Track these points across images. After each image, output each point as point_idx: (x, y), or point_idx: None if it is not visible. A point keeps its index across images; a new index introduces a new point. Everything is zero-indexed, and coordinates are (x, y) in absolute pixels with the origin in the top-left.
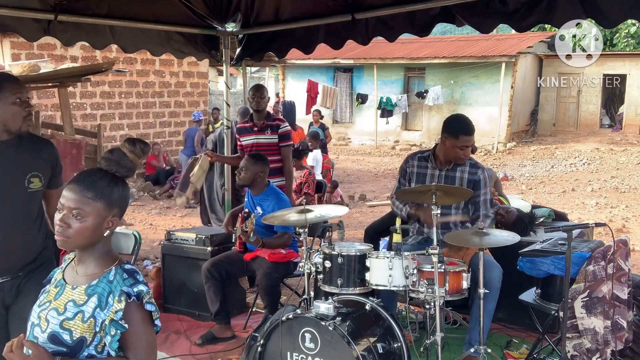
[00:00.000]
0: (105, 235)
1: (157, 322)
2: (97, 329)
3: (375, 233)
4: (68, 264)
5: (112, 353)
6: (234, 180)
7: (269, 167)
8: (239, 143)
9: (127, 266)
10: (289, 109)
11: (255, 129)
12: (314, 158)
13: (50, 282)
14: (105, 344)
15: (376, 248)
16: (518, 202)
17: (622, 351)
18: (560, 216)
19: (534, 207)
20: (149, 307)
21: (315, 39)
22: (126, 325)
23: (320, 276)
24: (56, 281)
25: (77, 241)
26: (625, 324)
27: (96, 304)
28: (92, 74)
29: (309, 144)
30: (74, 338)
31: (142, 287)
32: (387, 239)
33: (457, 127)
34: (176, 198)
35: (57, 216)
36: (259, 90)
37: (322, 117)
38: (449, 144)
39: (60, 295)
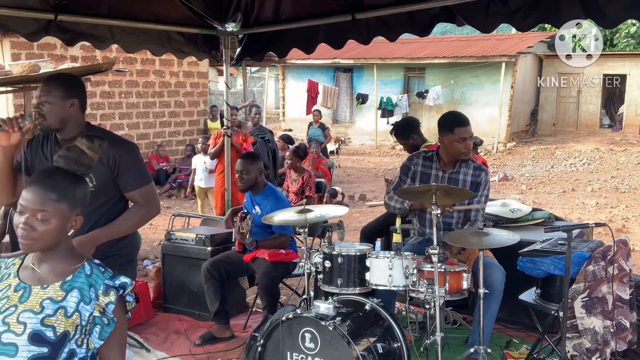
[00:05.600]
0: (69, 234)
1: (129, 315)
2: (84, 323)
3: (372, 233)
4: (17, 268)
5: (97, 344)
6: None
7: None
8: None
9: (96, 261)
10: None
11: None
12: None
13: None
14: (85, 337)
15: None
16: (518, 204)
17: (625, 352)
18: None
19: (534, 209)
20: (129, 298)
21: (316, 39)
22: (115, 318)
23: (320, 276)
24: (12, 287)
25: (42, 243)
26: (628, 325)
27: (79, 299)
28: (92, 74)
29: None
30: (58, 334)
31: (123, 279)
32: (383, 239)
33: (451, 121)
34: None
35: (19, 219)
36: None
37: (321, 117)
38: (447, 141)
39: (29, 297)
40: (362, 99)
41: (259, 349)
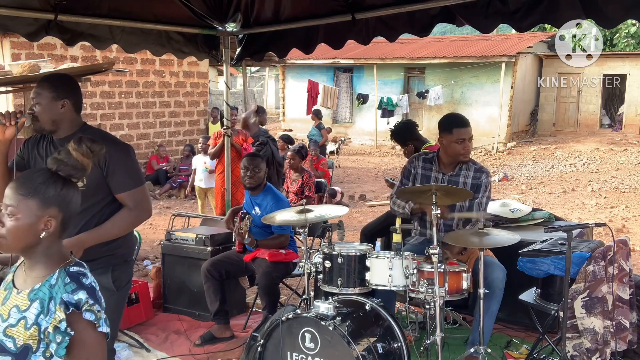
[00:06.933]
0: (42, 237)
1: (103, 328)
2: (42, 336)
3: (372, 233)
4: (18, 265)
5: None
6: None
7: None
8: None
9: (73, 268)
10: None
11: None
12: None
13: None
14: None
15: None
16: (518, 204)
17: (625, 352)
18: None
19: (534, 209)
20: (87, 315)
21: (315, 39)
22: (72, 333)
23: (320, 276)
24: (6, 284)
25: (11, 241)
26: (628, 325)
27: (39, 310)
28: (92, 74)
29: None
30: (18, 346)
31: (81, 295)
32: (383, 239)
33: (450, 122)
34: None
35: None
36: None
37: (320, 118)
38: (446, 142)
39: (7, 300)
40: (363, 99)
41: (259, 349)
